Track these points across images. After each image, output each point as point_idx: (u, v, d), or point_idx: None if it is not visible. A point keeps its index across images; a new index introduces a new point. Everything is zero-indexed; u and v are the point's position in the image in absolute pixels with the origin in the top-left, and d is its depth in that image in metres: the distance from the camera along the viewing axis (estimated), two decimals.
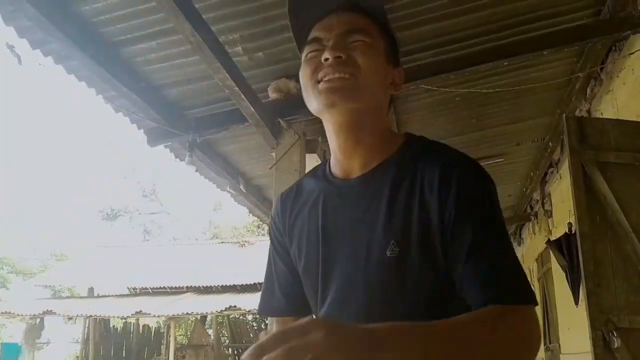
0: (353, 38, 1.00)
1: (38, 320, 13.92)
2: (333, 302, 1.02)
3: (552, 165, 6.20)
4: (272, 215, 1.22)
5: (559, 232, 5.52)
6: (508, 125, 5.21)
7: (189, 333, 15.58)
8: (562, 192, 5.76)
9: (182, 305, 12.62)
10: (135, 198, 25.00)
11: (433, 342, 0.76)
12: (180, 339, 15.63)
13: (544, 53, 3.60)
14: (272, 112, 3.81)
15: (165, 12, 2.64)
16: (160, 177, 25.14)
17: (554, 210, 6.51)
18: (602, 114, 4.28)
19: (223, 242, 17.93)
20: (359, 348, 0.68)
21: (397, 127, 4.54)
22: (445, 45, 3.66)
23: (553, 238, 5.75)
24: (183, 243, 20.11)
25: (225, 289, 13.21)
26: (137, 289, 14.98)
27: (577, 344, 5.05)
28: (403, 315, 0.94)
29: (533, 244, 8.15)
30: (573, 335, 5.03)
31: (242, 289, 12.60)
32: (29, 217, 26.19)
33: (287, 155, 3.90)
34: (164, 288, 14.04)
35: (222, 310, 12.08)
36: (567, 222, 4.97)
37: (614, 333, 2.73)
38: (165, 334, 14.95)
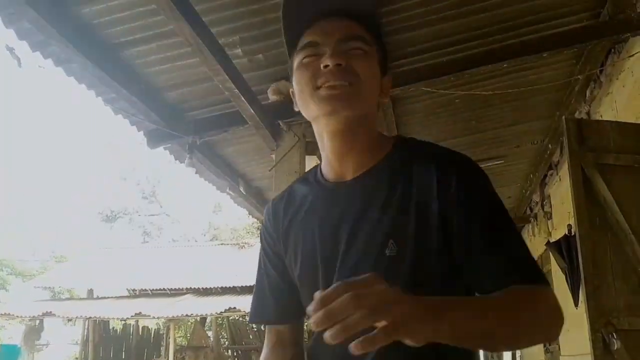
0: (351, 45, 1.01)
1: (37, 322, 13.90)
2: None
3: (551, 167, 6.21)
4: (263, 222, 1.22)
5: (559, 233, 5.52)
6: (508, 128, 5.21)
7: (189, 335, 15.56)
8: (561, 194, 5.77)
9: (181, 307, 12.61)
10: (135, 200, 25.01)
11: (487, 314, 0.82)
12: (180, 341, 15.61)
13: (544, 55, 3.60)
14: (272, 114, 3.82)
15: (165, 14, 2.64)
16: (160, 178, 25.15)
17: (554, 212, 6.51)
18: (601, 116, 4.28)
19: (222, 243, 17.89)
20: (423, 314, 0.72)
21: (396, 129, 4.54)
22: (445, 48, 3.67)
23: (553, 240, 5.74)
24: (182, 245, 20.13)
25: (225, 291, 13.20)
26: (136, 291, 14.97)
27: (576, 346, 5.05)
28: None
29: (532, 246, 8.14)
30: (573, 337, 5.01)
31: (241, 291, 12.58)
32: (29, 218, 26.19)
33: (287, 157, 3.90)
34: (164, 290, 14.03)
35: (221, 312, 12.07)
36: (566, 223, 4.96)
37: (614, 335, 2.73)
38: (165, 336, 14.93)
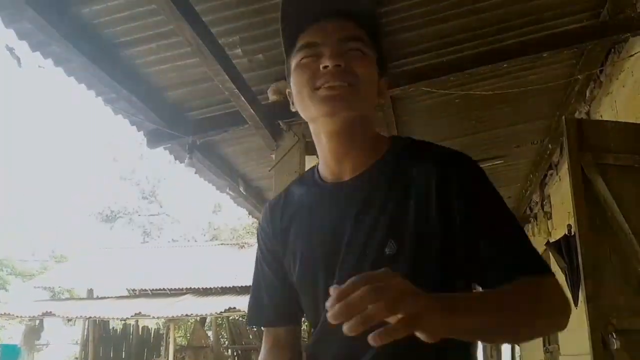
0: (350, 46, 1.01)
1: (37, 322, 13.89)
2: None
3: (551, 167, 6.20)
4: (260, 224, 1.21)
5: (559, 233, 5.51)
6: (507, 128, 5.22)
7: (189, 334, 15.56)
8: (561, 194, 5.77)
9: (181, 307, 12.60)
10: (135, 200, 24.97)
11: (500, 308, 0.85)
12: (180, 341, 15.61)
13: (544, 55, 3.61)
14: (271, 114, 3.81)
15: (165, 14, 2.64)
16: (160, 178, 25.11)
17: (554, 212, 6.51)
18: (601, 116, 4.28)
19: (222, 243, 17.87)
20: (439, 308, 0.74)
21: (396, 129, 4.54)
22: (445, 48, 3.67)
23: (552, 240, 5.74)
24: (182, 245, 20.11)
25: (225, 291, 13.19)
26: (136, 291, 14.96)
27: (576, 346, 5.04)
28: None
29: None
30: (572, 337, 5.02)
31: (241, 291, 12.57)
32: (29, 218, 26.18)
33: (287, 157, 3.90)
34: (164, 290, 14.02)
35: (221, 312, 12.06)
36: (566, 223, 4.96)
37: (613, 335, 2.72)
38: (165, 336, 14.92)
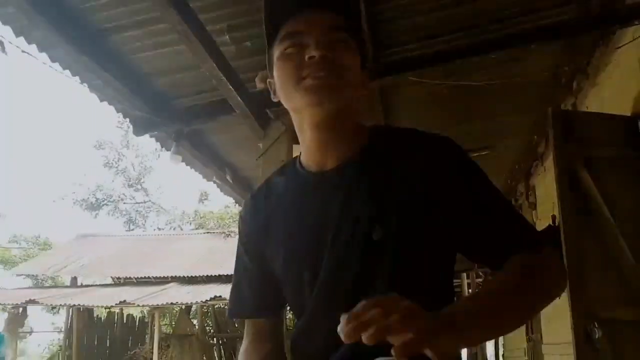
0: (335, 37, 1.01)
1: (21, 310, 13.79)
2: (323, 286, 1.02)
3: (537, 158, 6.24)
4: (241, 216, 1.20)
5: (543, 224, 5.56)
6: (494, 118, 5.23)
7: (174, 323, 15.53)
8: (546, 185, 5.81)
9: (166, 296, 12.57)
10: (120, 187, 24.78)
11: (503, 307, 0.89)
12: (165, 329, 15.57)
13: (532, 47, 3.61)
14: (259, 102, 3.79)
15: (152, 0, 2.61)
16: (146, 166, 24.91)
17: (538, 203, 6.56)
18: (587, 108, 4.31)
19: (208, 232, 17.84)
20: (447, 326, 0.77)
21: (384, 119, 4.54)
22: (434, 38, 3.67)
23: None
24: (168, 233, 20.02)
25: (210, 279, 13.15)
26: (121, 279, 14.88)
27: (559, 335, 5.12)
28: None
29: None
30: (555, 326, 5.09)
31: (227, 279, 12.54)
32: (12, 205, 25.89)
33: (274, 146, 3.89)
34: (149, 278, 13.95)
35: (207, 301, 12.04)
36: (550, 214, 5.01)
37: (596, 324, 2.77)
38: (150, 324, 14.87)
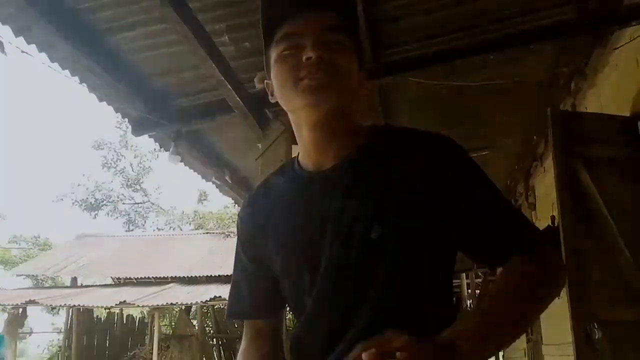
0: (332, 38, 1.01)
1: (20, 310, 13.78)
2: (322, 286, 1.02)
3: (536, 159, 6.24)
4: (239, 216, 1.20)
5: (542, 224, 5.56)
6: (494, 118, 5.23)
7: (174, 323, 15.52)
8: (545, 185, 5.81)
9: (166, 296, 12.56)
10: (119, 187, 24.77)
11: (506, 326, 0.91)
12: (165, 329, 15.56)
13: (530, 47, 3.61)
14: (258, 102, 3.79)
15: (151, 0, 2.61)
16: (145, 166, 24.89)
17: (538, 203, 6.56)
18: (586, 109, 4.31)
19: (208, 232, 17.84)
20: (447, 356, 0.80)
21: (383, 119, 4.54)
22: (434, 38, 3.67)
23: None
24: (167, 233, 20.01)
25: (210, 280, 13.15)
26: (121, 279, 14.88)
27: (558, 335, 5.12)
28: (391, 294, 0.97)
29: None
30: (555, 327, 5.09)
31: (227, 280, 12.54)
32: (12, 206, 25.88)
33: (273, 147, 3.89)
34: (148, 278, 13.95)
35: (206, 301, 12.04)
36: (550, 215, 5.01)
37: (595, 325, 2.77)
38: (150, 325, 14.87)
